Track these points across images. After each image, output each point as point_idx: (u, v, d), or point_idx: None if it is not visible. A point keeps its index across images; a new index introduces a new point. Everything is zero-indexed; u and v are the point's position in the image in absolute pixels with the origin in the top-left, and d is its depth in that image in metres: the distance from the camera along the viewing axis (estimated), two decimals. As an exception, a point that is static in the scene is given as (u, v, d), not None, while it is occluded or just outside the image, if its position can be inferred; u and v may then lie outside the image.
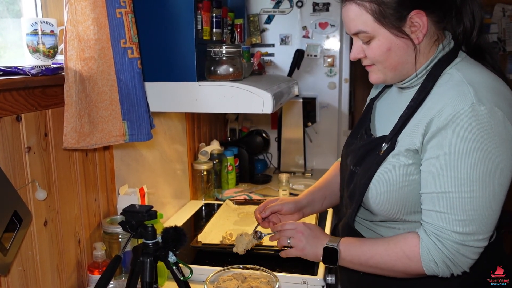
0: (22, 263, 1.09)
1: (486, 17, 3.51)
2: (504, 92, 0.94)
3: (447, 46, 1.01)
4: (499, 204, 0.92)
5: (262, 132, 2.55)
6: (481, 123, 0.88)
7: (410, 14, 0.94)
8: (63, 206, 1.23)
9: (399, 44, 0.96)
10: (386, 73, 1.02)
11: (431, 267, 0.95)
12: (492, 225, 0.93)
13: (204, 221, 1.83)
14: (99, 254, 1.29)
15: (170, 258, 0.96)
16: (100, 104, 1.18)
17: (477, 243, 0.92)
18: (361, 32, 0.98)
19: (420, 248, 0.95)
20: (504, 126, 0.89)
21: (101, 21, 1.14)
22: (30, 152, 1.10)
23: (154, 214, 0.97)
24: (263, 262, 1.27)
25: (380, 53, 0.98)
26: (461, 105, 0.89)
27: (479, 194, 0.89)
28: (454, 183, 0.90)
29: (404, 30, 0.95)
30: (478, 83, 0.92)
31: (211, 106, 1.33)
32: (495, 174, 0.89)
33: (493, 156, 0.89)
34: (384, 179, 1.00)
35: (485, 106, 0.88)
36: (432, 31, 0.98)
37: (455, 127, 0.89)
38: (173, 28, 1.30)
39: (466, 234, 0.91)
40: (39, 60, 1.19)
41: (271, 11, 2.55)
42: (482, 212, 0.90)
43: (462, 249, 0.92)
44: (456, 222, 0.91)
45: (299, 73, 2.54)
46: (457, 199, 0.91)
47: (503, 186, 0.91)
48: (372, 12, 0.95)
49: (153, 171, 1.77)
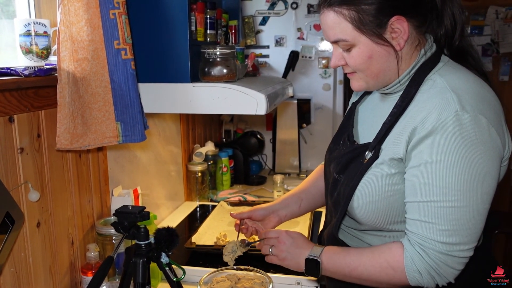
0: (14, 264, 1.08)
1: (480, 19, 3.54)
2: (488, 98, 0.93)
3: (429, 50, 0.99)
4: (483, 214, 0.90)
5: (257, 133, 2.55)
6: (465, 131, 0.86)
7: (390, 20, 0.92)
8: (56, 208, 1.22)
9: (380, 52, 0.94)
10: (368, 81, 0.99)
11: (415, 277, 0.93)
12: (477, 234, 0.91)
13: (199, 223, 1.83)
14: (93, 256, 1.28)
15: (162, 259, 0.96)
16: (94, 105, 1.18)
17: (462, 253, 0.90)
18: (341, 41, 0.96)
19: (404, 258, 0.93)
20: (489, 133, 0.87)
21: (95, 22, 1.14)
22: (23, 153, 1.09)
23: (147, 215, 0.97)
24: (257, 263, 1.27)
25: (361, 61, 0.96)
26: (445, 113, 0.87)
27: (463, 203, 0.88)
28: (438, 192, 0.88)
29: (384, 37, 0.93)
30: (462, 89, 0.91)
31: (205, 107, 1.33)
32: (479, 183, 0.88)
33: (478, 165, 0.87)
34: (369, 189, 0.98)
35: (469, 114, 0.87)
36: (414, 36, 0.96)
37: (438, 136, 0.88)
38: (167, 29, 1.31)
39: (451, 244, 0.89)
40: (32, 61, 1.19)
41: (266, 13, 2.56)
42: (466, 221, 0.88)
43: (447, 259, 0.90)
44: (440, 232, 0.89)
45: (293, 74, 2.54)
46: (440, 208, 0.89)
47: (488, 195, 0.89)
48: (351, 20, 0.92)
49: (147, 172, 1.77)
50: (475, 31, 3.57)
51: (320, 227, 1.73)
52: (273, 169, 2.63)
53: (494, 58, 3.57)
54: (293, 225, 1.72)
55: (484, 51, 3.58)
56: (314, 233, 1.67)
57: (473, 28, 3.57)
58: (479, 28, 3.56)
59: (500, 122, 0.93)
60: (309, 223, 1.69)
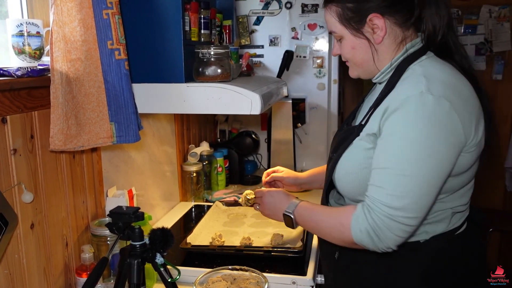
0: (8, 266, 1.08)
1: (473, 18, 3.55)
2: (459, 89, 1.00)
3: (417, 45, 1.08)
4: (431, 189, 0.97)
5: (252, 133, 2.55)
6: (426, 110, 0.94)
7: (369, 17, 1.04)
8: (50, 209, 1.22)
9: (360, 44, 1.08)
10: (357, 69, 1.15)
11: (358, 236, 1.01)
12: (423, 207, 0.97)
13: (194, 223, 1.82)
14: (87, 257, 1.28)
15: (157, 260, 0.96)
16: (87, 106, 1.17)
17: (405, 220, 0.96)
18: (333, 32, 1.13)
19: (352, 217, 1.02)
20: (450, 116, 0.95)
21: (88, 22, 1.13)
22: (16, 154, 1.09)
23: (141, 216, 0.96)
24: (252, 263, 1.27)
25: (347, 51, 1.12)
26: (411, 93, 0.97)
27: (410, 173, 0.95)
28: (392, 160, 0.97)
29: (363, 31, 1.07)
30: (433, 76, 0.99)
31: (199, 107, 1.33)
32: (428, 158, 0.95)
33: (432, 142, 0.94)
34: (348, 161, 1.09)
35: (433, 95, 0.95)
36: (396, 32, 1.06)
37: (402, 111, 0.97)
38: (160, 29, 1.30)
39: (394, 208, 0.96)
40: (25, 61, 1.18)
41: (260, 12, 2.55)
42: (411, 190, 0.95)
43: (389, 223, 0.96)
44: (387, 196, 0.97)
45: (288, 74, 2.54)
46: (392, 175, 0.97)
47: (437, 172, 0.96)
48: (337, 15, 1.09)
49: (142, 173, 1.76)
50: (468, 30, 3.59)
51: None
52: (268, 168, 2.63)
53: (487, 57, 3.58)
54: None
55: (478, 50, 3.59)
56: (309, 232, 1.67)
57: (467, 27, 3.59)
58: (472, 27, 3.57)
59: (469, 113, 0.99)
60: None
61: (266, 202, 1.31)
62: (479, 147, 1.03)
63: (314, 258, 1.51)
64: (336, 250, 1.18)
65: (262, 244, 1.54)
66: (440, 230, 1.07)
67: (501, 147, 3.65)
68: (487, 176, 3.72)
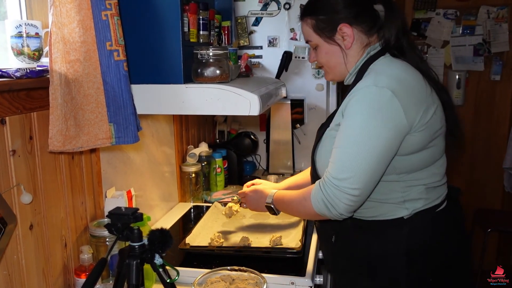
0: (7, 267, 1.08)
1: (471, 19, 3.56)
2: (407, 81, 1.16)
3: (377, 48, 1.26)
4: (371, 165, 1.12)
5: (251, 134, 2.55)
6: (370, 99, 1.12)
7: (339, 27, 1.24)
8: (49, 210, 1.22)
9: (332, 49, 1.28)
10: (330, 72, 1.34)
11: (316, 206, 1.18)
12: (365, 181, 1.13)
13: (193, 224, 1.82)
14: (86, 258, 1.28)
15: (156, 260, 0.96)
16: (86, 107, 1.17)
17: (349, 190, 1.12)
18: (309, 41, 1.33)
19: (312, 191, 1.20)
20: (391, 103, 1.11)
21: (87, 23, 1.14)
22: (15, 155, 1.09)
23: (140, 216, 0.96)
24: (251, 264, 1.28)
25: (322, 56, 1.31)
26: (361, 85, 1.15)
27: (355, 151, 1.12)
28: (342, 140, 1.15)
29: (335, 39, 1.26)
30: (383, 71, 1.18)
31: (198, 108, 1.33)
32: (370, 140, 1.11)
33: (372, 125, 1.11)
34: (323, 150, 1.26)
35: (377, 87, 1.12)
36: (362, 38, 1.26)
37: (352, 100, 1.15)
38: (159, 30, 1.30)
39: (339, 179, 1.13)
40: (24, 62, 1.19)
41: (259, 13, 2.56)
42: (353, 166, 1.12)
43: (336, 193, 1.13)
44: (335, 169, 1.14)
45: (287, 75, 2.54)
46: (340, 153, 1.14)
47: (376, 151, 1.11)
48: (312, 26, 1.29)
49: (141, 173, 1.76)
50: (466, 31, 3.60)
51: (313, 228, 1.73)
52: (267, 169, 2.63)
53: (485, 58, 3.59)
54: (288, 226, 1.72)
55: (476, 51, 3.60)
56: (308, 233, 1.68)
57: (465, 28, 3.60)
58: (470, 28, 3.58)
59: (416, 99, 1.15)
60: (303, 223, 1.69)
61: (250, 199, 1.55)
62: (430, 128, 1.17)
63: (313, 258, 1.51)
64: (332, 234, 1.32)
65: (261, 244, 1.55)
66: (419, 206, 1.21)
67: (499, 148, 3.66)
68: (486, 176, 3.73)
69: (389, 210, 1.22)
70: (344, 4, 1.24)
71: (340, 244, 1.31)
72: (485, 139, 3.70)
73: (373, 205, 1.22)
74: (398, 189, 1.21)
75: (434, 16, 3.61)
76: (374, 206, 1.23)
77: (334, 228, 1.30)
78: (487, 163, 3.70)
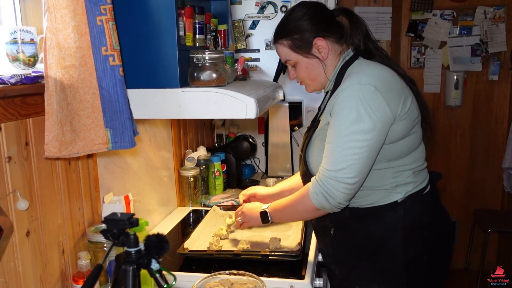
0: (4, 274, 1.07)
1: (468, 19, 3.57)
2: (385, 76, 1.27)
3: (350, 53, 1.39)
4: (365, 154, 1.21)
5: (249, 137, 2.54)
6: (355, 96, 1.22)
7: (314, 41, 1.36)
8: (45, 216, 1.21)
9: (312, 63, 1.39)
10: (312, 84, 1.44)
11: (315, 199, 1.26)
12: (359, 169, 1.22)
13: (192, 228, 1.82)
14: (84, 264, 1.27)
15: (153, 266, 0.95)
16: (82, 112, 1.17)
17: (345, 179, 1.21)
18: (287, 60, 1.42)
19: (309, 186, 1.28)
20: (375, 97, 1.22)
21: (82, 28, 1.13)
22: (11, 162, 1.09)
23: (136, 222, 0.96)
24: (249, 268, 1.27)
25: (302, 71, 1.41)
26: (345, 85, 1.25)
27: (348, 143, 1.21)
28: (333, 136, 1.25)
29: (312, 52, 1.37)
30: (362, 71, 1.28)
31: (195, 112, 1.33)
32: (360, 132, 1.21)
33: (359, 117, 1.21)
34: (315, 148, 1.35)
35: (360, 84, 1.23)
36: (335, 47, 1.39)
37: (339, 100, 1.25)
38: (154, 35, 1.30)
39: (334, 170, 1.22)
40: (19, 69, 1.18)
41: (256, 17, 2.56)
42: (349, 156, 1.21)
43: (333, 183, 1.22)
44: (329, 163, 1.23)
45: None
46: (333, 147, 1.24)
47: (366, 140, 1.21)
48: (288, 46, 1.38)
49: (139, 178, 1.76)
50: (464, 31, 3.60)
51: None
52: (266, 172, 2.63)
53: (483, 58, 3.59)
54: (286, 228, 1.72)
55: (473, 51, 3.61)
56: (306, 236, 1.67)
57: (462, 29, 3.60)
58: (467, 28, 3.59)
59: (395, 92, 1.25)
60: (302, 226, 1.69)
61: (246, 212, 1.57)
62: (410, 116, 1.29)
63: (312, 262, 1.51)
64: (331, 227, 1.39)
65: (260, 248, 1.54)
66: (410, 189, 1.33)
67: (498, 148, 3.66)
68: (485, 176, 3.73)
69: (384, 196, 1.32)
70: (312, 22, 1.36)
71: (340, 235, 1.39)
72: (484, 139, 3.70)
73: (368, 193, 1.32)
74: (389, 175, 1.31)
75: (431, 17, 3.62)
76: (370, 194, 1.32)
77: (332, 221, 1.38)
78: (487, 163, 3.70)
